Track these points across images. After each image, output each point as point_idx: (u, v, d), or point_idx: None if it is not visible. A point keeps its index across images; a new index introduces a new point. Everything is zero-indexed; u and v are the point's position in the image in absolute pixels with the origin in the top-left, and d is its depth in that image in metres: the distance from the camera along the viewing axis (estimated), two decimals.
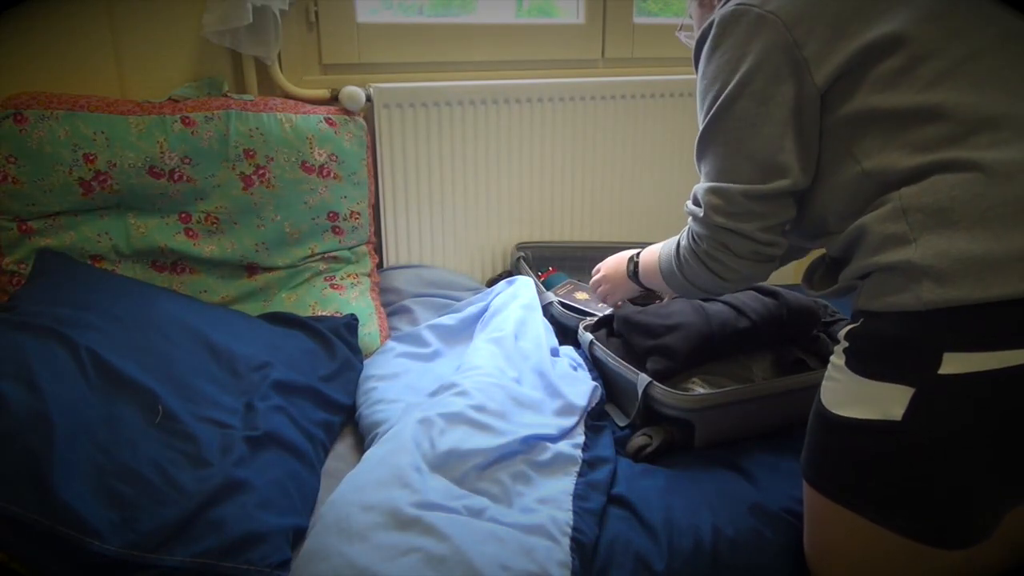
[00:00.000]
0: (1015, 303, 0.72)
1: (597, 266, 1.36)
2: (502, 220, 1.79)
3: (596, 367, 1.31)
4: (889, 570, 0.86)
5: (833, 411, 0.85)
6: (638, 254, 1.22)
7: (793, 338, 1.32)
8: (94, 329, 1.07)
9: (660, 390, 1.14)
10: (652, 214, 1.94)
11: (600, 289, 1.35)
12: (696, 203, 0.98)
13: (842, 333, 0.87)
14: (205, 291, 1.41)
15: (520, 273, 1.67)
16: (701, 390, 1.18)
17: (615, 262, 1.30)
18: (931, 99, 0.80)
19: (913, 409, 0.77)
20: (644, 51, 1.89)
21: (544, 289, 1.58)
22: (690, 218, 1.00)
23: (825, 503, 0.88)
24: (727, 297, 1.29)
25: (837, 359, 0.87)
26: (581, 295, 1.63)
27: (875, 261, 0.81)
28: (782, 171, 0.89)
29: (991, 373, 0.73)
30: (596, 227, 1.90)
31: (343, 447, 1.20)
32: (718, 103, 0.91)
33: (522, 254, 1.74)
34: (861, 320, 0.85)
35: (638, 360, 1.25)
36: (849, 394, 0.84)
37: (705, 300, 1.30)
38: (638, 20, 1.87)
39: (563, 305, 1.52)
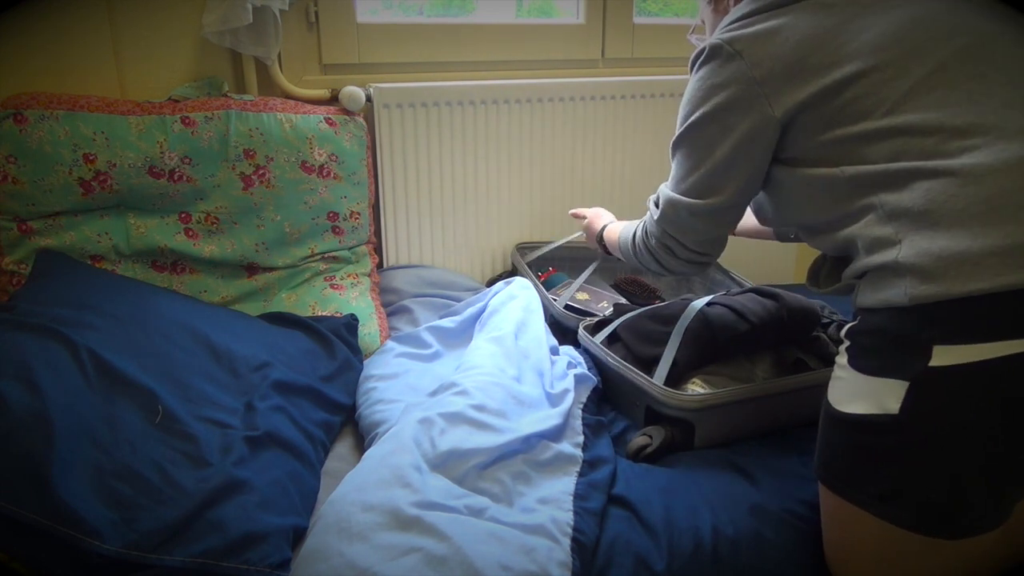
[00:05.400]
0: (996, 296, 0.75)
1: (585, 214, 1.52)
2: (502, 220, 1.78)
3: (596, 367, 1.31)
4: (905, 566, 0.87)
5: (837, 408, 0.87)
6: (605, 227, 1.40)
7: (793, 339, 1.32)
8: (94, 329, 1.07)
9: (660, 390, 1.15)
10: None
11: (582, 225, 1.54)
12: (656, 204, 1.11)
13: (844, 332, 0.90)
14: (205, 291, 1.41)
15: (520, 273, 1.67)
16: (701, 390, 1.18)
17: (594, 222, 1.47)
18: (896, 121, 0.85)
19: (909, 402, 0.79)
20: (644, 51, 1.89)
21: (544, 289, 1.58)
22: (648, 212, 1.14)
23: (837, 501, 0.89)
24: (727, 300, 1.30)
25: (841, 358, 0.90)
26: (581, 295, 1.62)
27: (867, 262, 0.86)
28: (719, 191, 1.02)
29: (982, 364, 0.75)
30: None
31: (343, 447, 1.19)
32: (688, 122, 1.02)
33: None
34: (859, 317, 0.88)
35: (639, 363, 1.25)
36: (851, 390, 0.86)
37: (707, 305, 1.30)
38: (638, 20, 1.87)
39: (563, 305, 1.52)
